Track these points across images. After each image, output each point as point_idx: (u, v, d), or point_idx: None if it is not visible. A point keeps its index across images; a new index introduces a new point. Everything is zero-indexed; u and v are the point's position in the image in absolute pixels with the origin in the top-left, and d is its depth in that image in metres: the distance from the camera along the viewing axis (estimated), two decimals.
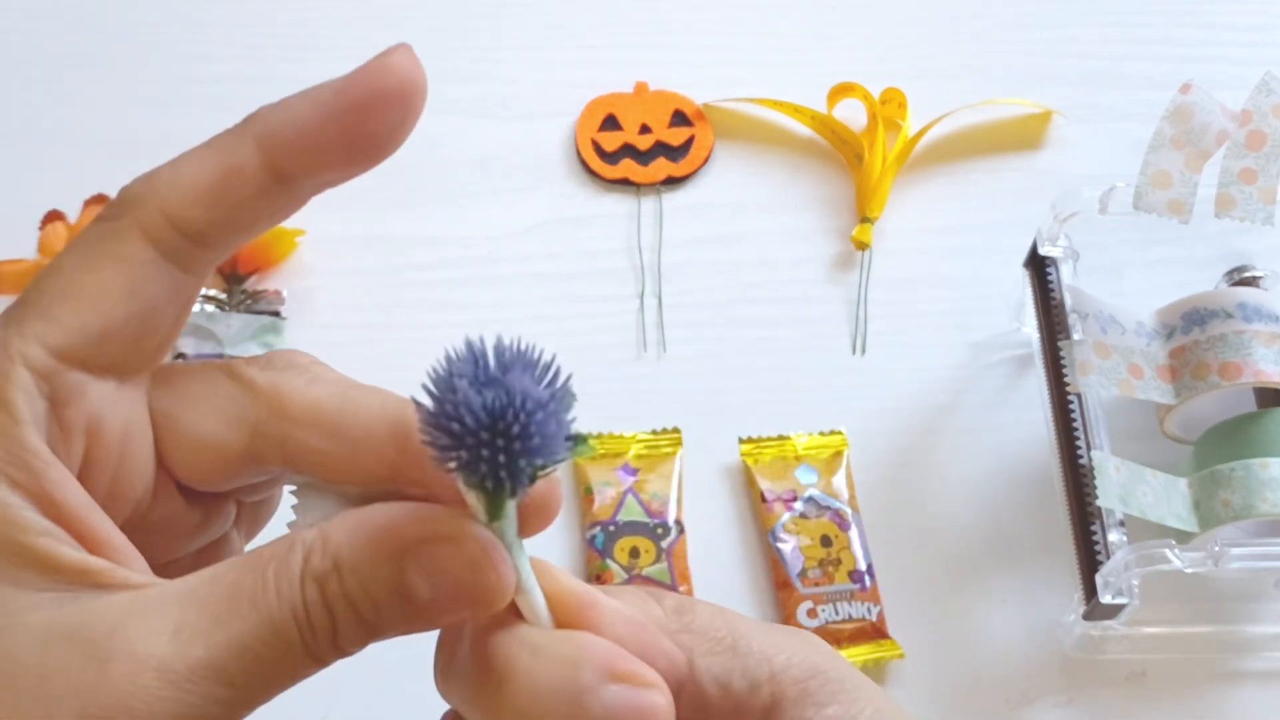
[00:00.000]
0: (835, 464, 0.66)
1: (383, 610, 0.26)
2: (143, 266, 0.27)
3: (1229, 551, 0.55)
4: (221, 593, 0.26)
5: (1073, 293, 0.63)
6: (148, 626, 0.25)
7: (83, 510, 0.27)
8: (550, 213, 0.75)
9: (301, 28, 0.82)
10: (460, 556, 0.26)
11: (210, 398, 0.29)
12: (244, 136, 0.28)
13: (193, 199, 0.27)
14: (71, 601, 0.25)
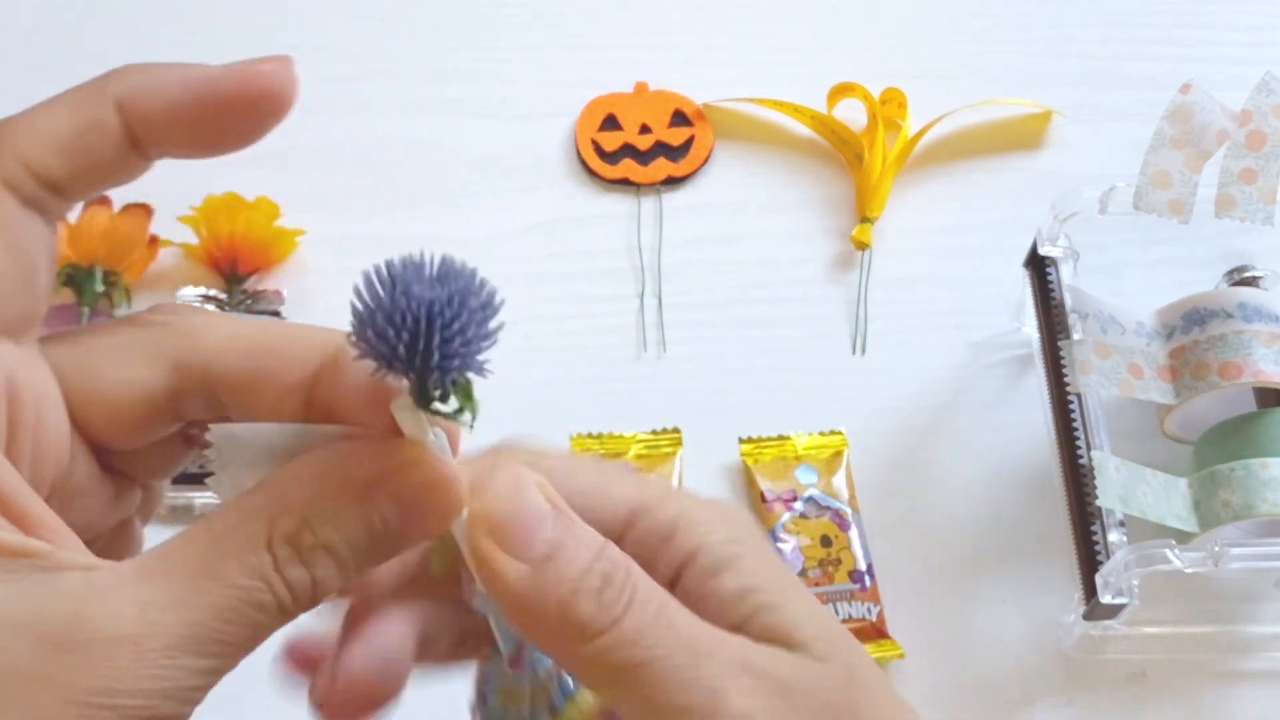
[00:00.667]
0: (835, 464, 0.66)
1: (361, 548, 0.27)
2: (11, 217, 0.27)
3: (1229, 551, 0.55)
4: (181, 568, 0.26)
5: (1073, 293, 0.63)
6: (111, 608, 0.25)
7: (12, 489, 0.26)
8: (550, 213, 0.75)
9: (301, 28, 0.82)
10: (420, 478, 0.27)
11: (120, 344, 0.29)
12: (104, 94, 0.28)
13: (53, 150, 0.27)
14: (19, 589, 0.25)
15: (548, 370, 0.70)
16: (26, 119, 0.28)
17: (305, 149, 0.78)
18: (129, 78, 0.28)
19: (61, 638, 0.25)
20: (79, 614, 0.25)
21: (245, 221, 0.71)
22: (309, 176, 0.76)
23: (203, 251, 0.71)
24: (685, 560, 0.29)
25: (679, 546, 0.29)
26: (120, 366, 0.29)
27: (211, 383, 0.29)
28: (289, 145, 0.78)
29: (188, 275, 0.72)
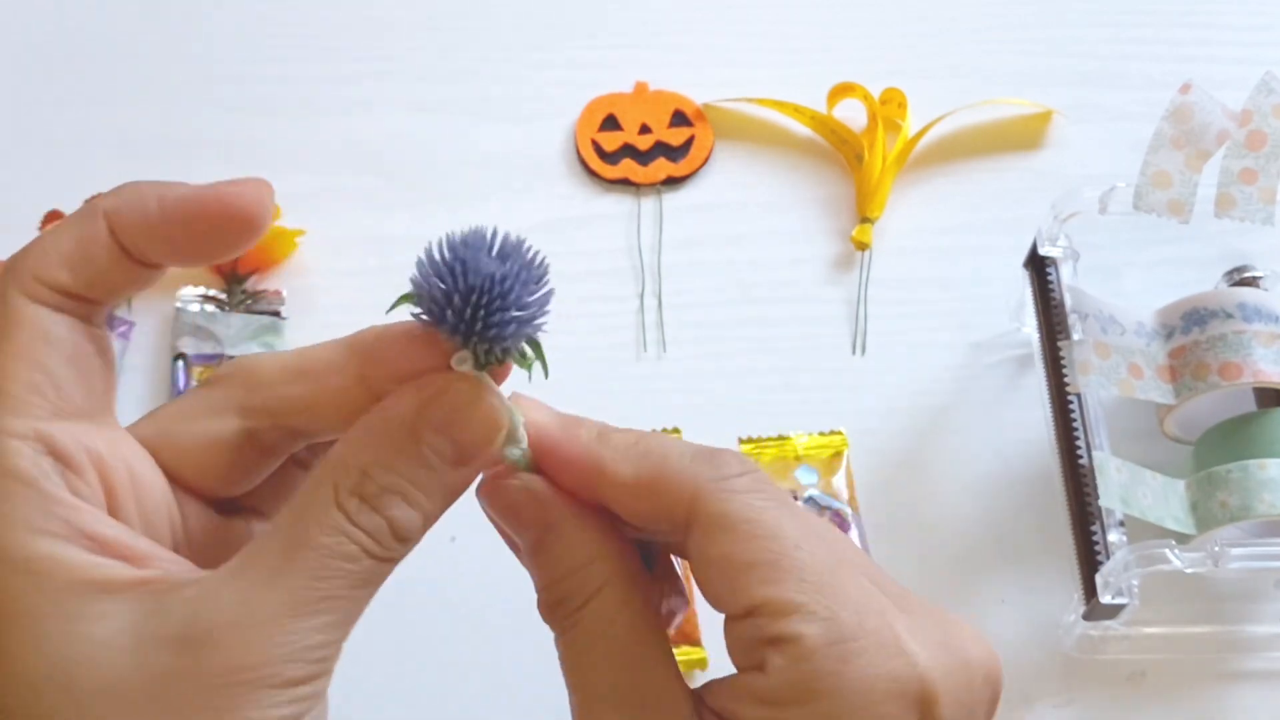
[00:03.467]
0: (835, 464, 0.66)
1: (421, 483, 0.30)
2: (42, 321, 0.30)
3: (1229, 552, 0.55)
4: (268, 549, 0.29)
5: (1073, 293, 0.63)
6: (220, 600, 0.28)
7: (123, 537, 0.29)
8: (550, 213, 0.75)
9: (301, 28, 0.82)
10: (457, 400, 0.30)
11: (190, 408, 0.32)
12: (96, 212, 0.30)
13: (58, 264, 0.30)
14: (142, 611, 0.28)
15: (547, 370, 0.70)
16: (38, 243, 0.30)
17: (305, 149, 0.78)
18: (117, 195, 0.30)
19: (185, 638, 0.27)
20: (194, 614, 0.28)
21: None
22: (309, 176, 0.76)
23: None
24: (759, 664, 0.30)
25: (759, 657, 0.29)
26: (193, 424, 0.32)
27: (277, 414, 0.32)
28: (289, 145, 0.78)
29: (188, 275, 0.72)
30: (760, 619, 0.29)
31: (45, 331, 0.29)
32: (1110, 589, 0.57)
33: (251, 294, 0.71)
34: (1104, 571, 0.57)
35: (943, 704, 0.29)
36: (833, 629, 0.28)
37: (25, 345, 0.29)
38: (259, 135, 0.78)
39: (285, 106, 0.79)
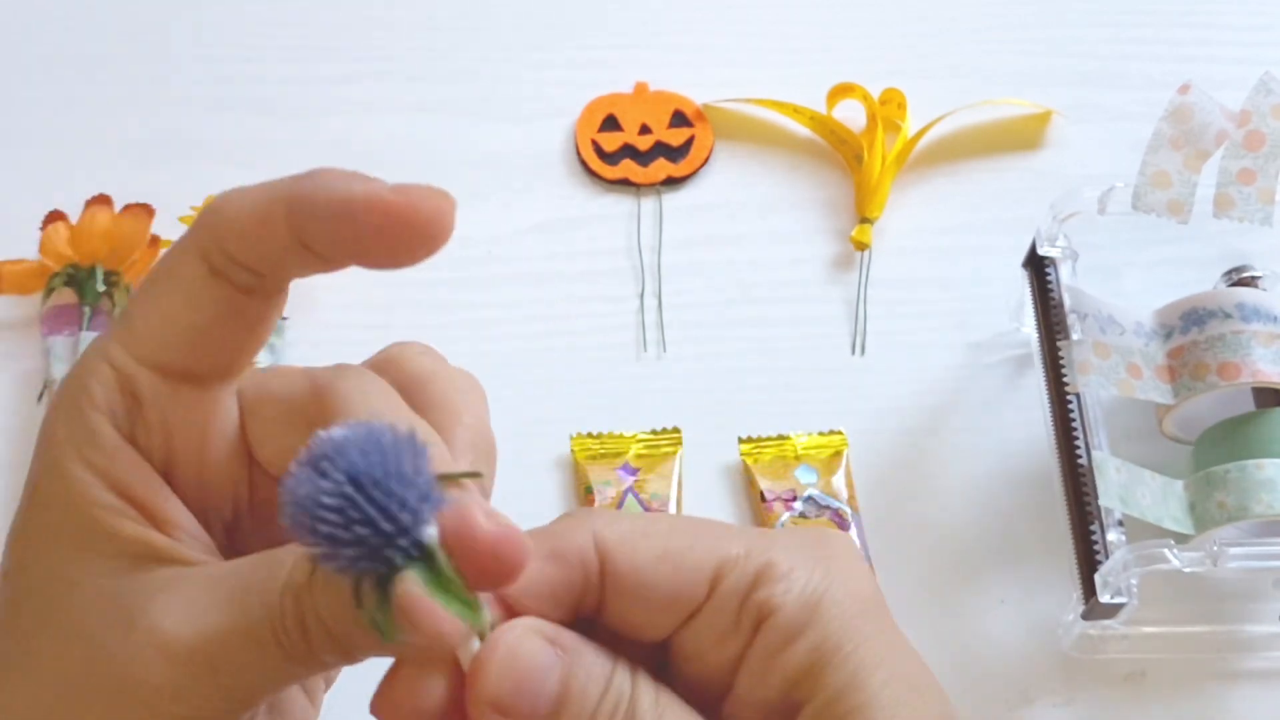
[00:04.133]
0: (835, 464, 0.66)
1: (353, 635, 0.27)
2: (194, 282, 0.30)
3: (1228, 551, 0.55)
4: (226, 582, 0.28)
5: (1072, 293, 0.63)
6: (171, 602, 0.28)
7: (151, 491, 0.30)
8: (550, 213, 0.76)
9: (302, 28, 0.82)
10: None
11: (281, 398, 0.32)
12: (280, 194, 0.29)
13: (236, 233, 0.29)
14: (127, 571, 0.28)
15: (548, 370, 0.70)
16: (226, 200, 0.30)
17: (305, 149, 0.78)
18: (308, 178, 0.29)
19: (126, 616, 0.28)
20: (149, 601, 0.28)
21: None
22: None
23: None
24: (759, 623, 0.29)
25: (756, 606, 0.29)
26: (275, 424, 0.32)
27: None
28: (289, 145, 0.78)
29: None
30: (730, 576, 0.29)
31: (193, 294, 0.30)
32: (1109, 588, 0.57)
33: None
34: (1103, 571, 0.57)
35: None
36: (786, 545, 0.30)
37: (167, 296, 0.30)
38: (259, 135, 0.78)
39: (285, 106, 0.79)
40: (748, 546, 0.29)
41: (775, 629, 0.28)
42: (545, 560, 0.29)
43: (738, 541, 0.29)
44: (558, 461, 0.67)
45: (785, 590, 0.29)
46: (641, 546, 0.29)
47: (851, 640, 0.28)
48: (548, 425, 0.67)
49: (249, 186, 0.30)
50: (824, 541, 0.30)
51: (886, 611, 0.30)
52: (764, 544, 0.29)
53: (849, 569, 0.30)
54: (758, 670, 0.29)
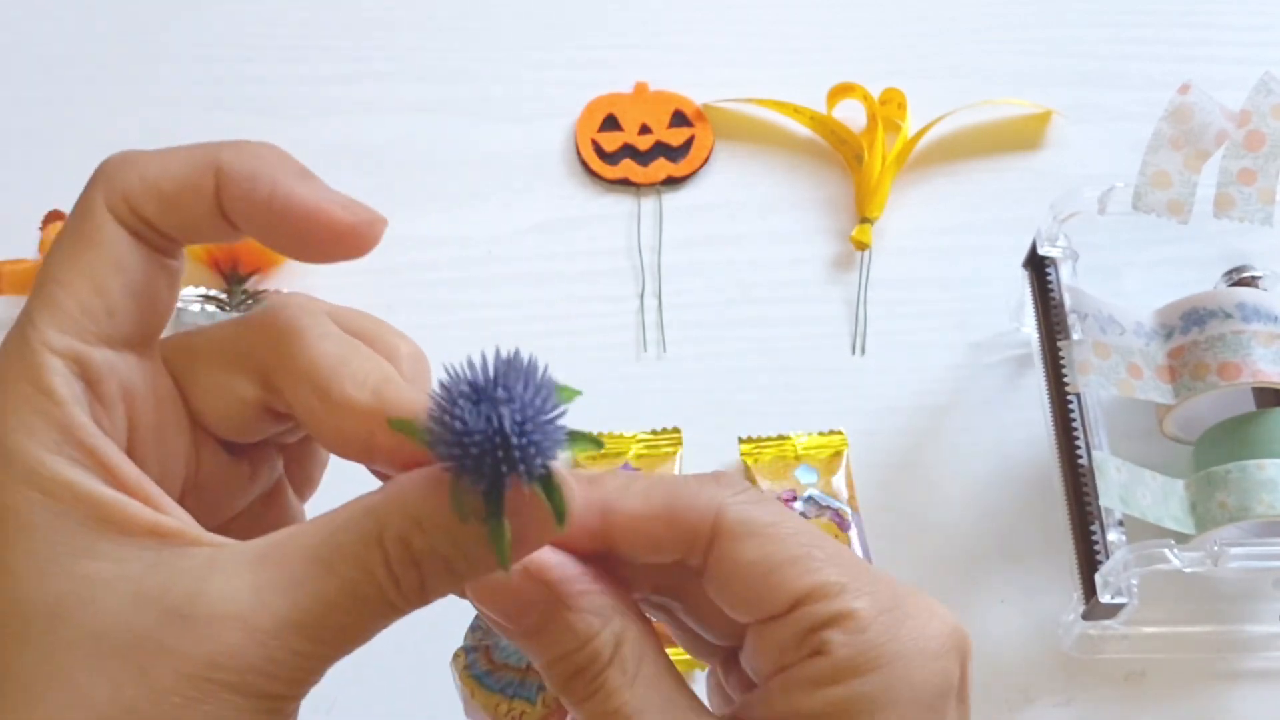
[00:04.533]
0: (835, 464, 0.66)
1: (471, 556, 0.28)
2: (118, 245, 0.29)
3: (1228, 551, 0.55)
4: (297, 554, 0.28)
5: (1072, 293, 0.63)
6: (229, 586, 0.27)
7: (138, 479, 0.28)
8: (550, 213, 0.76)
9: (301, 28, 0.82)
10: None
11: (219, 349, 0.31)
12: (210, 163, 0.29)
13: (153, 198, 0.29)
14: (153, 563, 0.27)
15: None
16: (139, 163, 0.30)
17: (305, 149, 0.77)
18: (238, 153, 0.30)
19: (183, 611, 0.27)
20: (200, 590, 0.27)
21: None
22: None
23: (203, 251, 0.71)
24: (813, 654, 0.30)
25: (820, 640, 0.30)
26: (218, 372, 0.31)
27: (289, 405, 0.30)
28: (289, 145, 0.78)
29: (188, 275, 0.71)
30: (812, 605, 0.29)
31: (118, 257, 0.29)
32: (1109, 588, 0.57)
33: (252, 294, 0.71)
34: (1103, 571, 0.57)
35: (969, 655, 0.31)
36: (879, 600, 0.30)
37: (93, 264, 0.29)
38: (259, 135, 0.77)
39: (285, 106, 0.79)
40: (844, 586, 0.30)
41: (820, 668, 0.29)
42: (658, 518, 0.30)
43: (839, 576, 0.30)
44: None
45: (846, 642, 0.29)
46: (750, 544, 0.30)
47: (882, 715, 0.29)
48: None
49: (158, 151, 0.30)
50: (915, 624, 0.30)
51: (946, 710, 0.30)
52: (860, 587, 0.30)
53: (922, 661, 0.30)
54: (787, 690, 0.30)
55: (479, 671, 0.35)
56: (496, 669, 0.35)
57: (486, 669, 0.35)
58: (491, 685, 0.35)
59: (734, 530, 0.30)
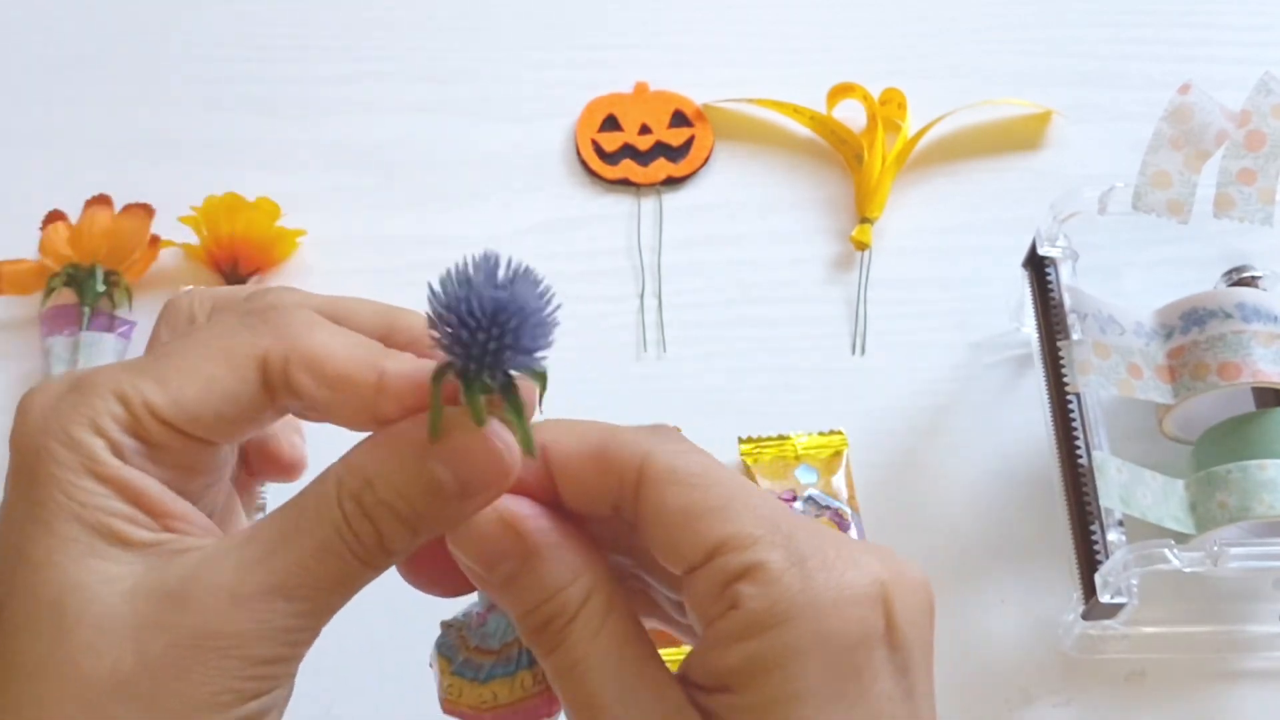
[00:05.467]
0: (835, 464, 0.66)
1: (418, 506, 0.30)
2: (244, 385, 0.31)
3: (1228, 551, 0.55)
4: (273, 527, 0.30)
5: (1072, 293, 0.63)
6: (215, 566, 0.30)
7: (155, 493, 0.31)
8: (550, 213, 0.76)
9: (301, 28, 0.82)
10: (467, 443, 0.30)
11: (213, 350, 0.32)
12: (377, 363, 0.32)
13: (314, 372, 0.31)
14: (153, 567, 0.30)
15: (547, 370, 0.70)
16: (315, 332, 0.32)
17: (305, 149, 0.78)
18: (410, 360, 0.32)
19: (174, 594, 0.29)
20: (193, 574, 0.30)
21: (246, 221, 0.71)
22: (309, 176, 0.76)
23: (203, 251, 0.71)
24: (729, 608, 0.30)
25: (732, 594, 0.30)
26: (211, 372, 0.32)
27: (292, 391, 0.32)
28: (289, 145, 0.78)
29: (188, 275, 0.72)
30: (724, 556, 0.30)
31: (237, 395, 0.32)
32: (1109, 588, 0.57)
33: None
34: (1103, 571, 0.57)
35: (899, 603, 0.31)
36: (792, 551, 0.30)
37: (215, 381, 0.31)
38: (259, 135, 0.78)
39: (285, 106, 0.79)
40: (756, 538, 0.30)
41: (735, 622, 0.30)
42: (589, 457, 0.32)
43: (754, 527, 0.30)
44: None
45: (756, 595, 0.29)
46: (672, 491, 0.31)
47: (796, 666, 0.29)
48: None
49: (340, 328, 0.32)
50: (833, 573, 0.30)
51: (867, 659, 0.30)
52: (780, 537, 0.30)
53: (836, 611, 0.29)
54: (713, 645, 0.30)
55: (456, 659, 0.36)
56: (472, 654, 0.35)
57: (464, 657, 0.36)
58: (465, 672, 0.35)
59: (659, 477, 0.31)
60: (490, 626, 0.35)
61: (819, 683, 0.29)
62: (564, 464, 0.32)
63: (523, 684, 0.35)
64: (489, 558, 0.31)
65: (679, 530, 0.30)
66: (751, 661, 0.29)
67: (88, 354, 0.67)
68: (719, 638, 0.30)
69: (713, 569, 0.30)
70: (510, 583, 0.31)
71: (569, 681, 0.31)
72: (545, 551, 0.31)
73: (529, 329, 0.28)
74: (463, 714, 0.35)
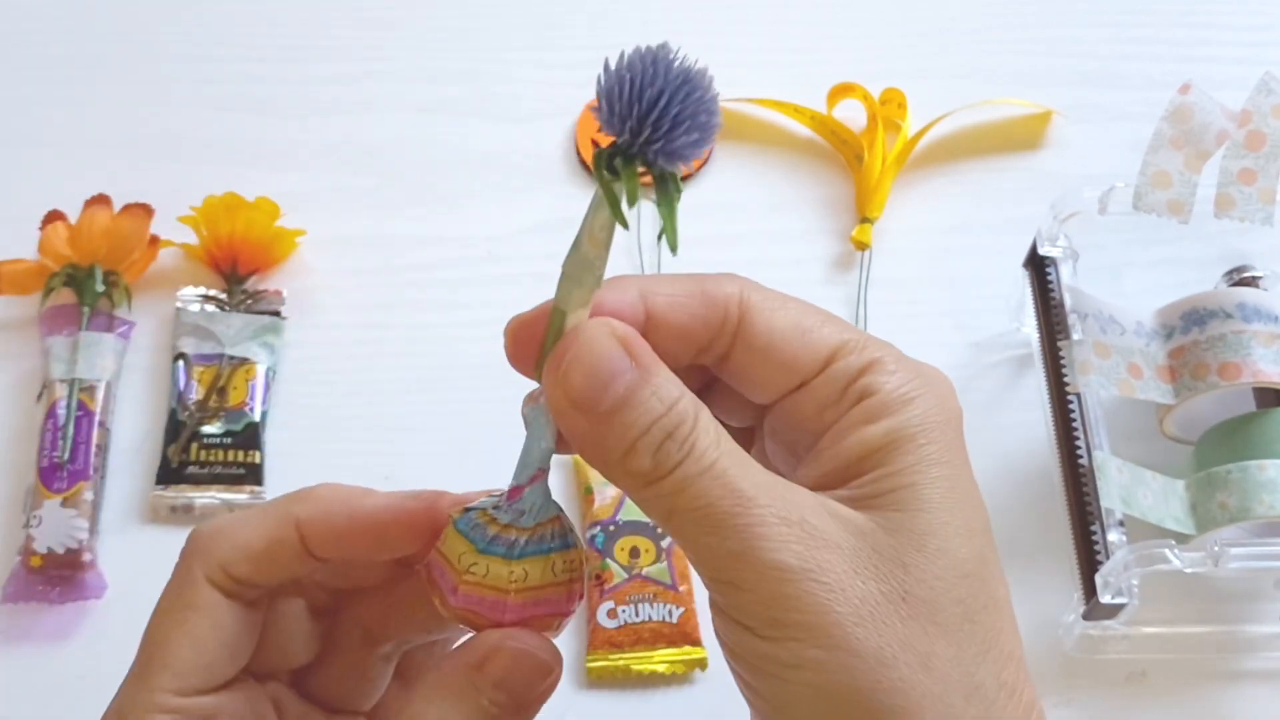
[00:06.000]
0: None
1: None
2: (216, 609, 0.35)
3: (1228, 551, 0.55)
4: None
5: (1072, 293, 0.63)
6: None
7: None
8: (550, 213, 0.76)
9: (301, 27, 0.82)
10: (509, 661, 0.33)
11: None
12: (289, 517, 0.35)
13: (244, 559, 0.35)
14: None
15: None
16: (227, 532, 0.35)
17: (305, 149, 0.78)
18: (310, 502, 0.36)
19: None
20: None
21: (245, 221, 0.71)
22: (309, 176, 0.76)
23: (203, 251, 0.71)
24: (858, 400, 0.33)
25: (861, 387, 0.33)
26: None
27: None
28: (289, 145, 0.78)
29: (188, 275, 0.72)
30: (845, 359, 0.33)
31: (215, 619, 0.35)
32: (1110, 589, 0.57)
33: (252, 294, 0.71)
34: (1104, 571, 0.57)
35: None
36: (894, 350, 0.34)
37: (195, 626, 0.35)
38: (260, 135, 0.78)
39: (285, 106, 0.79)
40: (865, 341, 0.33)
41: (869, 408, 0.32)
42: (692, 295, 0.34)
43: (857, 335, 0.34)
44: (558, 462, 0.67)
45: (886, 381, 0.32)
46: (779, 313, 0.34)
47: (927, 435, 0.32)
48: None
49: (240, 518, 0.36)
50: (927, 369, 0.34)
51: (962, 436, 0.33)
52: (877, 343, 0.33)
53: (944, 393, 0.33)
54: (842, 437, 0.32)
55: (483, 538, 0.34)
56: (504, 530, 0.34)
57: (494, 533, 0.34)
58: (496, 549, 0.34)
59: (763, 304, 0.34)
60: (525, 502, 0.34)
61: (939, 449, 0.32)
62: (666, 306, 0.34)
63: (554, 568, 0.34)
64: (605, 375, 0.31)
65: (793, 345, 0.33)
66: (889, 437, 0.32)
67: (87, 354, 0.67)
68: (849, 427, 0.32)
69: (833, 372, 0.33)
70: (626, 400, 0.31)
71: (707, 485, 0.31)
72: (656, 365, 0.32)
73: (695, 118, 0.29)
74: (482, 599, 0.33)
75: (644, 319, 0.33)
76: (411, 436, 0.67)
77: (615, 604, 0.62)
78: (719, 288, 0.35)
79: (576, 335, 0.32)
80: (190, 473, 0.65)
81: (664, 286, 0.34)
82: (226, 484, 0.65)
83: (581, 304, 0.32)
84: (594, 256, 0.34)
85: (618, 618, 0.61)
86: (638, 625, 0.61)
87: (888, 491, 0.31)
